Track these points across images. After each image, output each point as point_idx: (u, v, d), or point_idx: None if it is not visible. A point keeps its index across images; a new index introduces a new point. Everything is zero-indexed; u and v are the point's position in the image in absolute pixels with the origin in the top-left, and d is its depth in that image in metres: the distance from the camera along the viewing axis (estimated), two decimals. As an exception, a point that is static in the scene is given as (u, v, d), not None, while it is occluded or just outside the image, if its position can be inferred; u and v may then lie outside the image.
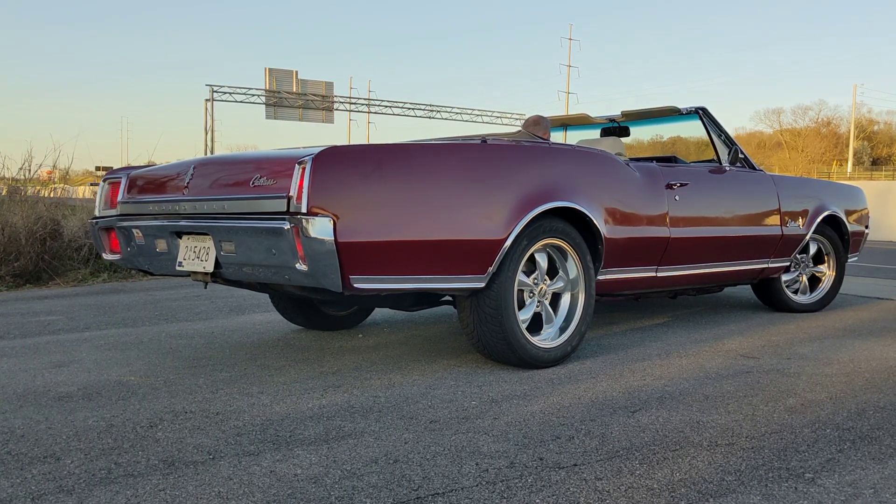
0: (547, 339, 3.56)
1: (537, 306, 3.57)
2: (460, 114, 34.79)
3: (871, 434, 2.59)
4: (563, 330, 3.62)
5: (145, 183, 3.79)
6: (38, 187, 8.43)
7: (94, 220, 3.94)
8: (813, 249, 5.38)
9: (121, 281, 6.98)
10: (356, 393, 3.07)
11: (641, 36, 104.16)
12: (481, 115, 35.11)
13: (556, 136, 5.74)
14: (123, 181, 3.86)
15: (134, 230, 3.68)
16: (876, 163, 56.92)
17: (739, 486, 2.13)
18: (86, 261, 7.16)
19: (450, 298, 3.71)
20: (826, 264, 5.46)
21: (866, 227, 5.81)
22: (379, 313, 5.02)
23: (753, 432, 2.60)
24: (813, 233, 5.19)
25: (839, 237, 5.44)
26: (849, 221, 5.47)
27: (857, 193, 5.80)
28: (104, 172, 4.73)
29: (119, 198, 3.84)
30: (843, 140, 56.23)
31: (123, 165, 4.31)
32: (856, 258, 5.83)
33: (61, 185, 9.31)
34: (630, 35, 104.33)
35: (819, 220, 5.18)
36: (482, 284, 3.26)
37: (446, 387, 3.17)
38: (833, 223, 5.39)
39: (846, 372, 3.49)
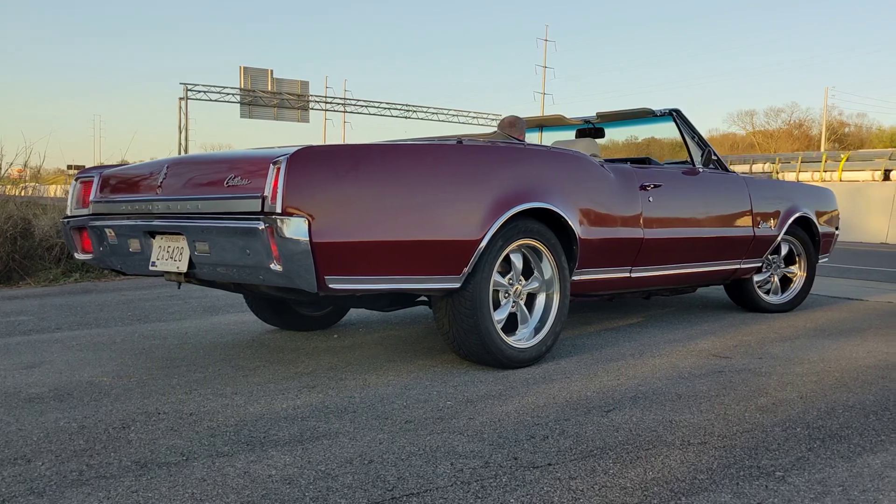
0: (522, 340, 3.57)
1: (512, 307, 3.58)
2: (436, 114, 34.81)
3: (841, 433, 2.63)
4: (538, 330, 3.63)
5: (118, 182, 3.75)
6: (8, 186, 8.33)
7: (66, 220, 3.91)
8: (784, 250, 5.44)
9: (93, 281, 6.91)
10: (331, 393, 3.07)
11: (617, 38, 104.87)
12: (457, 116, 35.15)
13: (532, 137, 5.76)
14: (96, 180, 3.83)
15: (106, 230, 3.65)
16: (847, 165, 57.57)
17: (711, 484, 2.15)
18: (57, 260, 7.08)
19: (425, 299, 3.71)
20: (797, 265, 5.53)
21: (836, 228, 5.89)
22: (354, 314, 5.01)
23: (725, 431, 2.62)
24: (784, 234, 5.25)
25: (810, 238, 5.51)
26: (819, 223, 5.54)
27: (828, 195, 5.87)
28: (76, 171, 4.68)
29: (91, 197, 3.80)
30: (814, 142, 56.94)
31: (96, 164, 4.27)
32: (826, 259, 5.90)
33: (32, 183, 9.21)
34: (605, 37, 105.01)
35: (790, 221, 5.25)
36: (458, 285, 3.26)
37: (421, 387, 3.17)
38: (804, 224, 5.46)
39: (816, 371, 3.53)
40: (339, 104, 34.63)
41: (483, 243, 3.27)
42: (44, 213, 7.69)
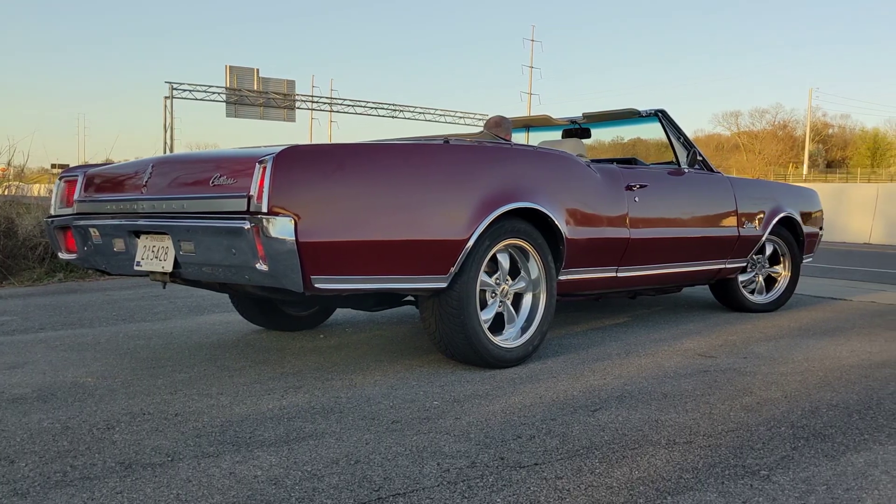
0: (509, 339, 3.57)
1: (499, 306, 3.58)
2: (423, 114, 34.76)
3: (824, 432, 2.65)
4: (524, 330, 3.64)
5: (103, 181, 3.73)
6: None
7: (50, 219, 3.88)
8: (769, 250, 5.47)
9: (77, 280, 6.87)
10: (317, 394, 3.06)
11: (603, 39, 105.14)
12: (444, 116, 35.11)
13: (519, 138, 5.77)
14: (80, 179, 3.80)
15: (91, 229, 3.62)
16: (830, 165, 58.21)
17: (697, 483, 2.16)
18: (41, 260, 7.03)
19: (412, 299, 3.71)
20: (782, 265, 5.56)
21: (820, 228, 5.92)
22: (340, 313, 5.00)
23: (711, 430, 2.64)
24: (769, 234, 5.28)
25: (794, 238, 5.54)
26: (804, 223, 5.57)
27: (812, 195, 5.91)
28: (60, 170, 4.65)
29: (76, 196, 3.78)
30: (798, 143, 57.35)
31: (80, 163, 4.24)
32: (810, 259, 5.94)
33: (16, 182, 9.15)
34: (592, 38, 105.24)
35: (775, 221, 5.28)
36: (444, 285, 3.26)
37: (408, 387, 3.17)
38: (788, 224, 5.49)
39: (801, 371, 3.55)
40: (325, 104, 34.55)
41: (470, 243, 3.27)
42: (27, 213, 7.62)
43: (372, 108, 33.83)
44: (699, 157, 4.88)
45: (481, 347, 3.38)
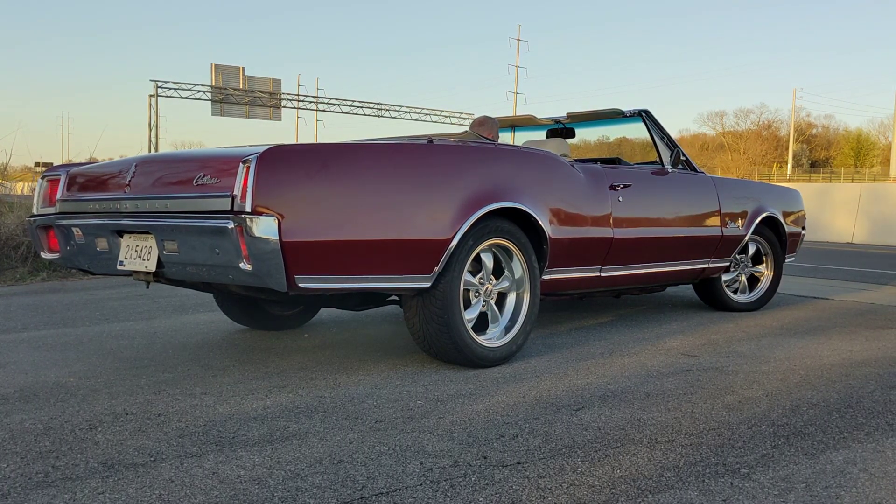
0: (492, 339, 3.58)
1: (483, 306, 3.59)
2: (409, 113, 34.72)
3: (805, 430, 2.67)
4: (508, 329, 3.65)
5: (86, 180, 3.71)
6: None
7: (33, 218, 3.86)
8: (752, 250, 5.51)
9: (60, 280, 6.82)
10: (301, 393, 3.06)
11: (589, 39, 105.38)
12: (430, 115, 35.08)
13: (504, 137, 5.78)
14: (63, 178, 3.78)
15: (74, 228, 3.61)
16: (814, 165, 58.69)
17: (678, 482, 2.18)
18: (24, 259, 6.99)
19: (396, 298, 3.71)
20: (764, 264, 5.60)
21: (803, 228, 5.97)
22: (325, 313, 5.00)
23: (692, 429, 2.65)
24: (752, 234, 5.32)
25: (777, 238, 5.58)
26: (786, 223, 5.61)
27: (794, 195, 5.95)
28: (44, 169, 4.63)
29: (58, 195, 3.76)
30: (783, 143, 57.72)
31: (64, 162, 4.22)
32: (793, 258, 5.98)
33: (-2, 181, 9.10)
34: (578, 38, 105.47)
35: (758, 221, 5.31)
36: (428, 284, 3.27)
37: (392, 386, 3.17)
38: (771, 224, 5.53)
39: (782, 370, 3.58)
40: (311, 103, 34.44)
41: (454, 243, 3.28)
42: (10, 212, 7.58)
43: (358, 107, 33.75)
44: (682, 157, 4.91)
45: (465, 347, 3.39)
